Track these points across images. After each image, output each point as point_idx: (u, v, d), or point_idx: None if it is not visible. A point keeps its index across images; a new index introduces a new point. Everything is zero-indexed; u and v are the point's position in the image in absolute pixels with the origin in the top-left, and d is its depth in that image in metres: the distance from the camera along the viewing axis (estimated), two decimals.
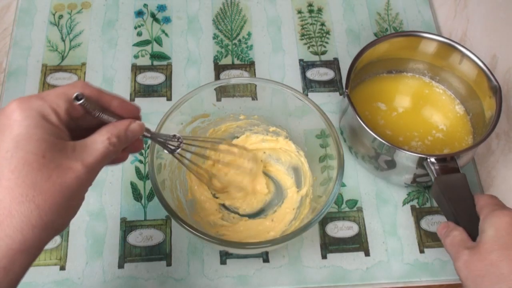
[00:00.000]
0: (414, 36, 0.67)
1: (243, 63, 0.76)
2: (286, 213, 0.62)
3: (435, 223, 0.64)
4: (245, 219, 0.62)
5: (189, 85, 0.73)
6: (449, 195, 0.55)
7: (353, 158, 0.68)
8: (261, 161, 0.66)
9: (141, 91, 0.72)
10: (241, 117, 0.65)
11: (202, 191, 0.63)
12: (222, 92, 0.62)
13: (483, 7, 0.77)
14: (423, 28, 0.79)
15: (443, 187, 0.55)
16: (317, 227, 0.63)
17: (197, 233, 0.51)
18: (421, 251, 0.63)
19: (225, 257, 0.61)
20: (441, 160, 0.58)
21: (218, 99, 0.63)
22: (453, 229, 0.52)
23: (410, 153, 0.58)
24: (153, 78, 0.74)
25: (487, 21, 0.76)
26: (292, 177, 0.65)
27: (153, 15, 0.79)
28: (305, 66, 0.76)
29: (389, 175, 0.64)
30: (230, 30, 0.79)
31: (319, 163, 0.61)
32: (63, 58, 0.75)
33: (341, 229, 0.64)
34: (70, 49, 0.75)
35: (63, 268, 0.60)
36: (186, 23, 0.79)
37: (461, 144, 0.67)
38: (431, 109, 0.70)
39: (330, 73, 0.75)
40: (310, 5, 0.82)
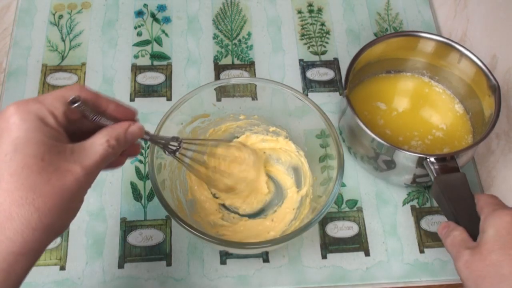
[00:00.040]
0: (412, 36, 0.67)
1: (243, 63, 0.76)
2: (286, 213, 0.62)
3: (435, 223, 0.64)
4: (245, 219, 0.62)
5: (189, 85, 0.73)
6: (449, 194, 0.55)
7: (353, 159, 0.68)
8: (263, 153, 0.66)
9: (141, 91, 0.72)
10: (241, 117, 0.65)
11: (202, 191, 0.63)
12: (222, 92, 0.62)
13: (483, 7, 0.77)
14: (423, 28, 0.79)
15: (443, 187, 0.55)
16: (317, 227, 0.63)
17: (197, 233, 0.51)
18: (421, 251, 0.63)
19: (225, 257, 0.61)
20: (440, 159, 0.57)
21: (218, 99, 0.63)
22: (453, 229, 0.52)
23: (410, 153, 0.58)
24: (153, 78, 0.74)
25: (487, 21, 0.75)
26: (292, 177, 0.65)
27: (153, 15, 0.79)
28: (305, 66, 0.76)
29: (388, 175, 0.64)
30: (230, 30, 0.79)
31: (319, 163, 0.61)
32: (63, 58, 0.75)
33: (341, 229, 0.64)
34: (70, 49, 0.75)
35: (63, 268, 0.60)
36: (186, 23, 0.79)
37: (461, 143, 0.67)
38: (430, 108, 0.70)
39: (330, 73, 0.75)
40: (310, 5, 0.82)
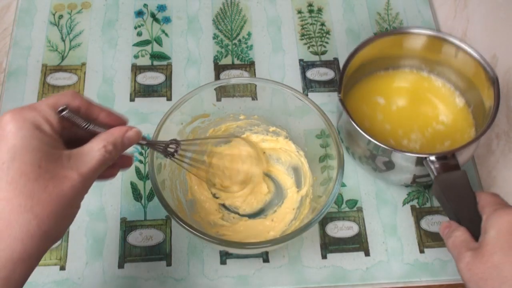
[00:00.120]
0: (404, 33, 0.66)
1: (243, 63, 0.76)
2: (286, 213, 0.62)
3: (435, 223, 0.64)
4: (245, 219, 0.62)
5: (189, 85, 0.73)
6: (450, 193, 0.54)
7: (352, 159, 0.68)
8: (263, 153, 0.65)
9: (141, 91, 0.72)
10: (241, 117, 0.65)
11: (202, 191, 0.63)
12: (222, 92, 0.62)
13: (483, 7, 0.77)
14: None
15: (444, 186, 0.54)
16: (317, 227, 0.63)
17: (197, 233, 0.51)
18: (421, 251, 0.62)
19: (225, 257, 0.61)
20: (441, 158, 0.56)
21: (218, 99, 0.63)
22: (455, 229, 0.51)
23: (408, 153, 0.57)
24: (153, 78, 0.74)
25: (487, 21, 0.75)
26: (292, 177, 0.65)
27: (153, 15, 0.79)
28: (305, 66, 0.76)
29: (388, 176, 0.64)
30: (230, 30, 0.79)
31: (319, 163, 0.61)
32: (63, 58, 0.75)
33: (341, 229, 0.64)
34: (70, 49, 0.75)
35: (63, 268, 0.60)
36: (186, 23, 0.79)
37: (463, 137, 0.65)
38: (430, 102, 0.68)
39: (330, 73, 0.75)
40: (310, 5, 0.82)
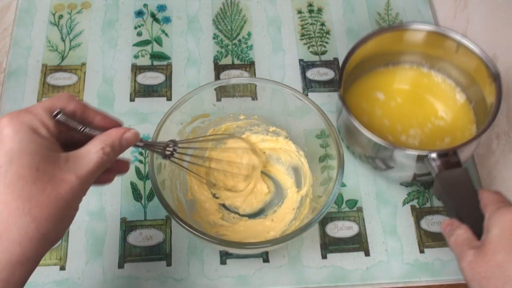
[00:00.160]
0: (404, 29, 0.65)
1: (243, 63, 0.76)
2: (286, 213, 0.62)
3: (435, 223, 0.64)
4: (245, 219, 0.62)
5: (189, 85, 0.73)
6: (451, 191, 0.53)
7: (352, 158, 0.68)
8: (263, 153, 0.66)
9: (141, 91, 0.72)
10: (241, 117, 0.65)
11: (202, 191, 0.63)
12: (222, 92, 0.62)
13: (483, 7, 0.77)
14: None
15: (445, 184, 0.53)
16: (317, 227, 0.63)
17: (197, 233, 0.51)
18: (421, 251, 0.62)
19: (225, 257, 0.61)
20: (442, 155, 0.56)
21: (218, 99, 0.63)
22: (457, 227, 0.51)
23: (408, 151, 0.56)
24: (153, 78, 0.74)
25: (487, 21, 0.75)
26: (292, 177, 0.65)
27: (153, 15, 0.79)
28: (305, 66, 0.76)
29: (388, 174, 0.63)
30: (230, 30, 0.79)
31: (319, 163, 0.61)
32: (63, 58, 0.75)
33: (341, 229, 0.64)
34: (70, 49, 0.75)
35: (63, 268, 0.60)
36: (186, 23, 0.79)
37: (464, 134, 0.64)
38: (431, 98, 0.68)
39: (330, 73, 0.75)
40: (310, 5, 0.82)
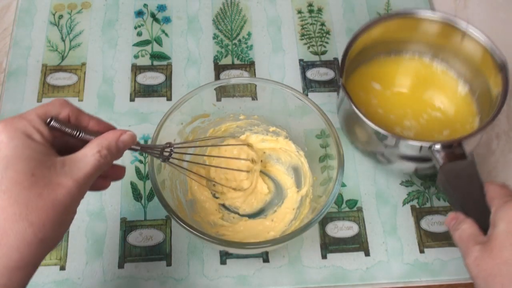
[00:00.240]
0: (409, 16, 0.64)
1: (243, 63, 0.76)
2: (286, 213, 0.62)
3: (435, 223, 0.64)
4: (245, 219, 0.62)
5: (189, 85, 0.73)
6: (456, 184, 0.51)
7: (352, 157, 0.68)
8: (263, 153, 0.66)
9: (141, 91, 0.72)
10: (241, 117, 0.65)
11: (202, 191, 0.63)
12: (222, 92, 0.62)
13: (483, 7, 0.77)
14: None
15: (450, 176, 0.52)
16: (317, 227, 0.63)
17: (197, 233, 0.51)
18: (421, 251, 0.62)
19: (225, 257, 0.61)
20: (447, 146, 0.54)
21: (218, 99, 0.63)
22: (462, 222, 0.49)
23: (412, 142, 0.55)
24: (153, 78, 0.74)
25: (487, 21, 0.75)
26: (292, 177, 0.65)
27: (153, 15, 0.79)
28: (305, 66, 0.76)
29: (389, 167, 0.62)
30: (230, 30, 0.79)
31: (319, 163, 0.61)
32: (63, 58, 0.75)
33: (341, 229, 0.64)
34: (70, 49, 0.75)
35: (63, 268, 0.60)
36: (186, 23, 0.79)
37: (464, 127, 0.63)
38: (430, 89, 0.66)
39: (330, 73, 0.75)
40: (310, 5, 0.82)
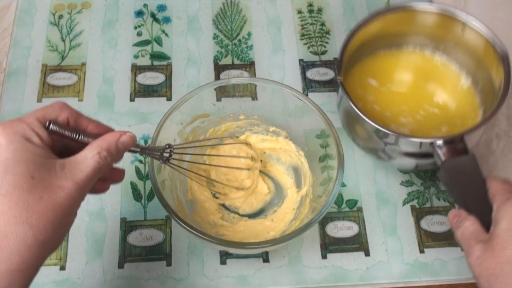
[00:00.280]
0: (408, 10, 0.63)
1: (243, 63, 0.76)
2: (286, 213, 0.62)
3: (435, 223, 0.64)
4: (245, 219, 0.62)
5: (189, 85, 0.73)
6: (458, 180, 0.51)
7: (352, 157, 0.68)
8: (263, 153, 0.66)
9: (141, 91, 0.72)
10: (241, 117, 0.65)
11: (202, 191, 0.63)
12: (222, 92, 0.62)
13: (483, 7, 0.77)
14: None
15: (451, 172, 0.51)
16: (317, 227, 0.63)
17: (197, 233, 0.51)
18: (421, 251, 0.62)
19: (225, 257, 0.61)
20: (448, 141, 0.53)
21: (218, 99, 0.63)
22: (464, 219, 0.49)
23: (413, 139, 0.55)
24: (153, 78, 0.74)
25: (487, 21, 0.75)
26: (292, 177, 0.65)
27: (153, 15, 0.79)
28: (305, 66, 0.76)
29: (391, 162, 0.61)
30: (230, 30, 0.79)
31: (319, 163, 0.61)
32: (63, 58, 0.75)
33: (341, 229, 0.64)
34: (70, 49, 0.75)
35: (63, 268, 0.60)
36: (186, 23, 0.79)
37: (465, 122, 0.62)
38: (431, 83, 0.65)
39: (330, 73, 0.75)
40: (310, 5, 0.82)
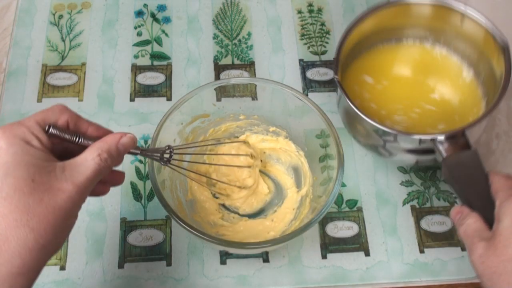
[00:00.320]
0: (404, 4, 0.62)
1: (243, 63, 0.76)
2: (286, 213, 0.62)
3: (435, 223, 0.64)
4: (245, 219, 0.62)
5: (189, 85, 0.73)
6: (460, 176, 0.50)
7: (352, 157, 0.68)
8: (263, 153, 0.66)
9: (141, 91, 0.72)
10: (241, 117, 0.65)
11: (202, 191, 0.63)
12: (222, 92, 0.62)
13: (483, 7, 0.77)
14: None
15: (453, 168, 0.51)
16: (317, 227, 0.63)
17: (197, 233, 0.51)
18: (421, 251, 0.62)
19: (225, 257, 0.61)
20: (449, 137, 0.52)
21: (218, 99, 0.63)
22: (467, 216, 0.48)
23: (414, 136, 0.54)
24: (153, 78, 0.74)
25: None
26: (292, 177, 0.65)
27: (153, 15, 0.79)
28: (305, 66, 0.76)
29: (392, 159, 0.61)
30: (230, 30, 0.79)
31: (319, 163, 0.61)
32: (63, 58, 0.75)
33: (341, 229, 0.64)
34: (70, 49, 0.75)
35: (63, 268, 0.60)
36: (186, 23, 0.79)
37: (466, 118, 0.60)
38: (432, 77, 0.64)
39: (330, 73, 0.75)
40: (310, 5, 0.82)
